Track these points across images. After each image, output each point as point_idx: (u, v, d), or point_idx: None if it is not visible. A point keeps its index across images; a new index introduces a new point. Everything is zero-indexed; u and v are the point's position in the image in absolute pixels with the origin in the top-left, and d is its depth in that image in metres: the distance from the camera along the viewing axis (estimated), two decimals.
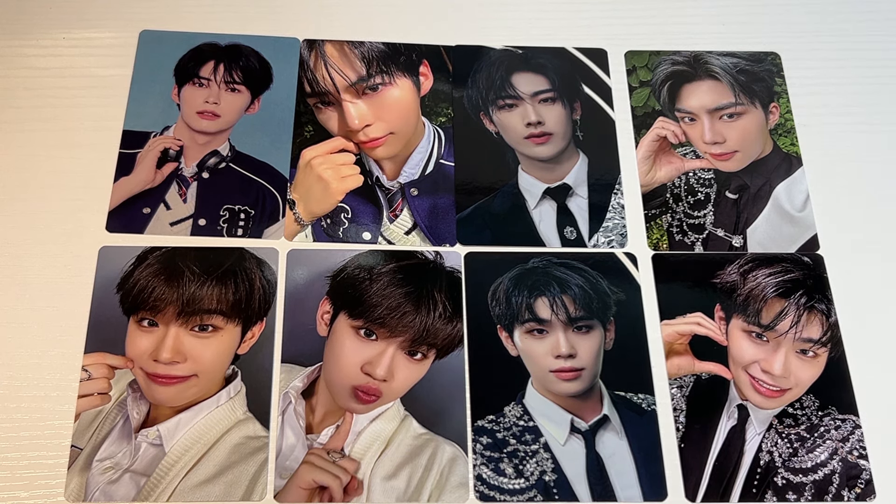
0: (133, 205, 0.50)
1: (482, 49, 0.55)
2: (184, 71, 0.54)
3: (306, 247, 0.49)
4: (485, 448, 0.44)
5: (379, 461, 0.44)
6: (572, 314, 0.47)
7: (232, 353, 0.46)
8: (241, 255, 0.48)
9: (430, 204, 0.51)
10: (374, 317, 0.46)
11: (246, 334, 0.47)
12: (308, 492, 0.43)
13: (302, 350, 0.46)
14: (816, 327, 0.47)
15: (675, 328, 0.47)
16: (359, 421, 0.45)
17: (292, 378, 0.46)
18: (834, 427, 0.45)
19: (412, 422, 0.45)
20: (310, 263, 0.49)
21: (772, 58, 0.55)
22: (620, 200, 0.51)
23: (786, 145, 0.53)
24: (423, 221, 0.50)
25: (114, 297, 0.47)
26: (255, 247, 0.49)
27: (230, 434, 0.44)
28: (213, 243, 0.49)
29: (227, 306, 0.46)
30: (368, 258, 0.49)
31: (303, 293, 0.48)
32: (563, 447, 0.45)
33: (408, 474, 0.44)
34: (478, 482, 0.44)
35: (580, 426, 0.45)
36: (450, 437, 0.45)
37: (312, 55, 0.54)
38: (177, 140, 0.52)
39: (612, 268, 0.49)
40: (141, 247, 0.48)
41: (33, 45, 0.54)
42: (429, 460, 0.44)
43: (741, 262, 0.49)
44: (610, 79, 0.55)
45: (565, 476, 0.44)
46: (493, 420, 0.45)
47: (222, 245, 0.49)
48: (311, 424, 0.45)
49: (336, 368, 0.46)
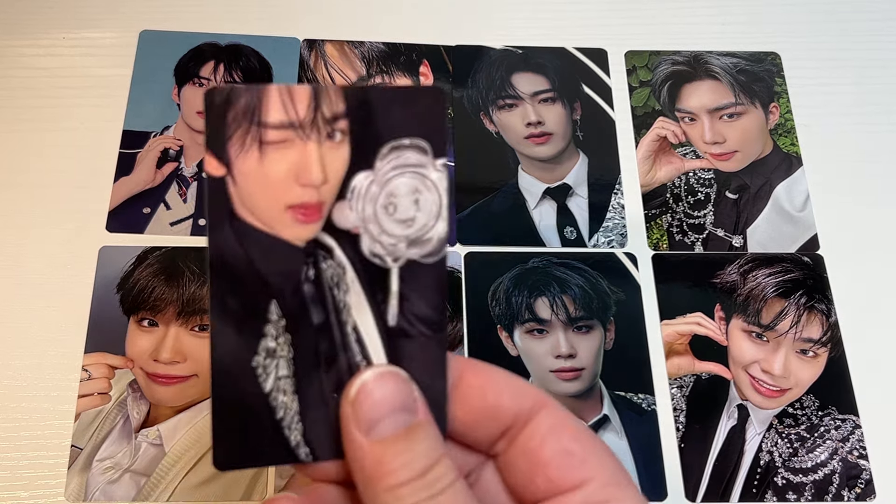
0: (133, 205, 0.50)
1: (482, 49, 0.55)
2: (184, 71, 0.54)
3: None
4: None
5: None
6: (572, 314, 0.47)
7: None
8: None
9: None
10: None
11: None
12: None
13: None
14: (816, 327, 0.47)
15: (676, 328, 0.47)
16: None
17: None
18: (834, 427, 0.45)
19: None
20: None
21: (772, 58, 0.55)
22: (620, 200, 0.51)
23: (786, 145, 0.53)
24: None
25: (114, 296, 0.47)
26: None
27: None
28: None
29: None
30: None
31: None
32: None
33: None
34: None
35: None
36: None
37: (312, 55, 0.54)
38: (177, 140, 0.52)
39: (612, 268, 0.49)
40: (141, 247, 0.48)
41: (32, 45, 0.54)
42: None
43: (741, 262, 0.49)
44: (610, 79, 0.55)
45: None
46: None
47: None
48: None
49: None
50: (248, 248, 0.27)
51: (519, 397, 0.27)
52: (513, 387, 0.28)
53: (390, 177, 0.28)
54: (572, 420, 0.28)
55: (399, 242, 0.28)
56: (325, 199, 0.27)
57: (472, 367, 0.28)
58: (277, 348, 0.27)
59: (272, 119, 0.26)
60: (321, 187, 0.27)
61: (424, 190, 0.28)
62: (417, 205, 0.28)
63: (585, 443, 0.27)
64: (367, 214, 0.28)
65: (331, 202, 0.27)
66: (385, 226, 0.28)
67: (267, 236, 0.27)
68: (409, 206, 0.28)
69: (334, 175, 0.27)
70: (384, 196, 0.28)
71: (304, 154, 0.27)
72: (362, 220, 0.28)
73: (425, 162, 0.28)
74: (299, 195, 0.27)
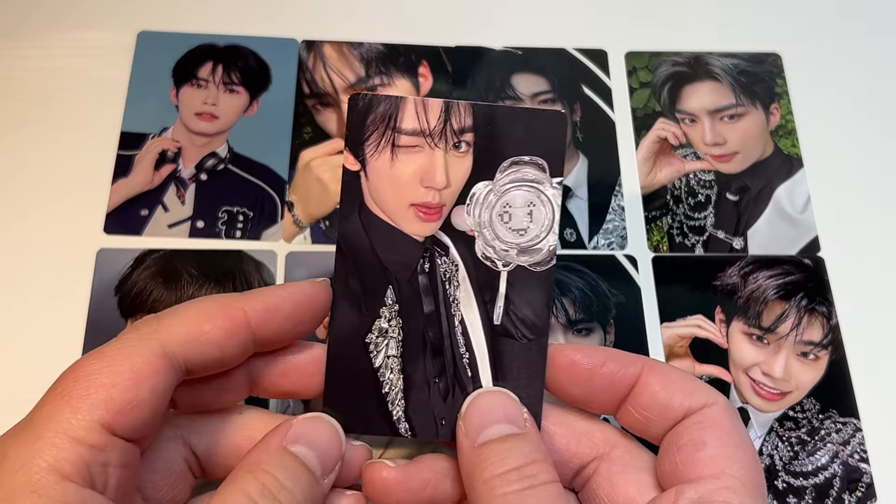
0: (131, 206, 0.49)
1: (481, 50, 0.55)
2: (182, 72, 0.53)
3: (305, 249, 0.49)
4: None
5: None
6: (572, 317, 0.47)
7: None
8: (239, 257, 0.48)
9: None
10: None
11: None
12: None
13: None
14: (817, 330, 0.47)
15: (676, 331, 0.47)
16: None
17: None
18: (835, 430, 0.45)
19: None
20: (309, 266, 0.48)
21: (773, 59, 0.55)
22: (620, 202, 0.51)
23: (787, 147, 0.52)
24: None
25: (112, 299, 0.46)
26: (254, 249, 0.49)
27: None
28: (212, 245, 0.48)
29: None
30: None
31: None
32: None
33: None
34: None
35: None
36: None
37: (311, 56, 0.54)
38: (175, 141, 0.52)
39: (612, 270, 0.49)
40: (139, 249, 0.48)
41: (28, 47, 0.54)
42: None
43: (742, 265, 0.49)
44: (610, 80, 0.55)
45: None
46: None
47: (221, 248, 0.48)
48: None
49: None
50: (372, 237, 0.31)
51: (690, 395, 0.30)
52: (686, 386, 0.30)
53: (508, 188, 0.31)
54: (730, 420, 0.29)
55: (511, 249, 0.31)
56: (446, 201, 0.31)
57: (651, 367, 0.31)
58: (389, 329, 0.31)
59: (406, 126, 0.31)
60: (443, 191, 0.31)
61: (539, 204, 0.32)
62: (531, 217, 0.31)
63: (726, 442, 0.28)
64: (483, 220, 0.31)
65: (451, 205, 0.31)
66: (499, 232, 0.31)
67: (390, 228, 0.31)
68: (523, 216, 0.31)
69: (456, 181, 0.31)
70: (500, 205, 0.31)
71: (432, 160, 0.31)
72: (478, 225, 0.31)
73: (542, 178, 0.31)
74: (423, 195, 0.31)
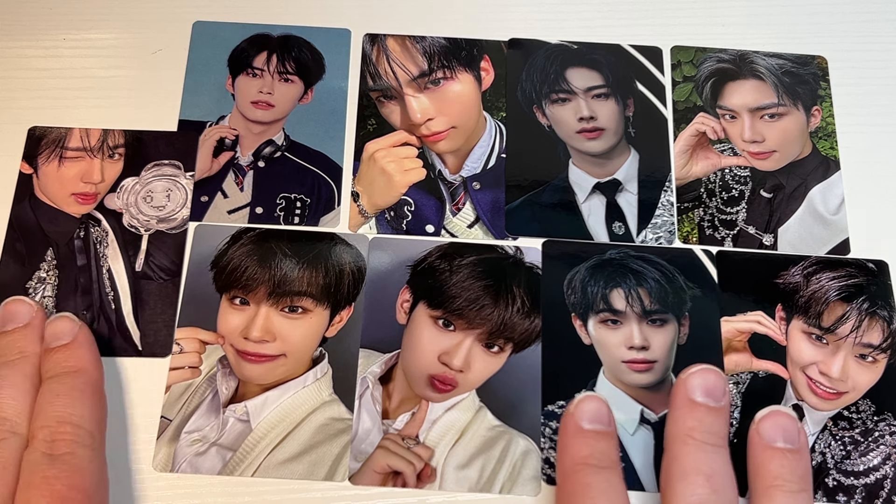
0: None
1: (536, 43, 0.55)
2: (237, 61, 0.54)
3: (389, 236, 0.50)
4: (554, 433, 0.45)
5: (453, 450, 0.44)
6: (647, 307, 0.47)
7: (320, 335, 0.47)
8: (332, 240, 0.49)
9: (493, 198, 0.51)
10: (452, 308, 0.46)
11: (334, 318, 0.47)
12: (382, 476, 0.43)
13: (381, 336, 0.47)
14: (877, 333, 0.47)
15: (736, 325, 0.47)
16: (434, 409, 0.45)
17: (371, 363, 0.46)
18: (889, 433, 0.45)
19: (487, 413, 0.45)
20: (392, 252, 0.49)
21: (818, 61, 0.55)
22: (670, 198, 0.51)
23: (825, 149, 0.52)
24: (485, 215, 0.51)
25: (207, 274, 0.47)
26: (346, 234, 0.49)
27: (315, 414, 0.45)
28: None
29: (316, 289, 0.47)
30: (449, 250, 0.49)
31: (384, 281, 0.48)
32: (632, 437, 0.45)
33: (480, 465, 0.44)
34: (546, 466, 0.44)
35: (650, 417, 0.46)
36: (524, 431, 0.45)
37: (374, 49, 0.54)
38: (232, 129, 0.52)
39: (689, 264, 0.49)
40: (234, 226, 0.49)
41: (33, 46, 0.54)
42: (502, 452, 0.44)
43: (805, 265, 0.49)
44: (664, 77, 0.55)
45: (633, 466, 0.44)
46: (563, 406, 0.45)
47: (314, 230, 0.49)
48: (387, 410, 0.45)
49: (414, 356, 0.46)
50: (38, 215, 0.46)
51: None
52: None
53: (150, 180, 0.48)
54: None
55: (151, 220, 0.47)
56: (101, 191, 0.48)
57: None
58: (47, 278, 0.45)
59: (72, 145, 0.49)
60: (99, 184, 0.48)
61: (175, 189, 0.48)
62: (168, 198, 0.47)
63: None
64: (130, 201, 0.47)
65: (104, 193, 0.48)
66: (142, 209, 0.47)
67: (55, 210, 0.47)
68: (162, 198, 0.47)
69: (110, 178, 0.48)
70: (144, 191, 0.47)
71: (91, 165, 0.48)
72: (126, 205, 0.47)
73: (178, 174, 0.48)
74: (82, 188, 0.47)
